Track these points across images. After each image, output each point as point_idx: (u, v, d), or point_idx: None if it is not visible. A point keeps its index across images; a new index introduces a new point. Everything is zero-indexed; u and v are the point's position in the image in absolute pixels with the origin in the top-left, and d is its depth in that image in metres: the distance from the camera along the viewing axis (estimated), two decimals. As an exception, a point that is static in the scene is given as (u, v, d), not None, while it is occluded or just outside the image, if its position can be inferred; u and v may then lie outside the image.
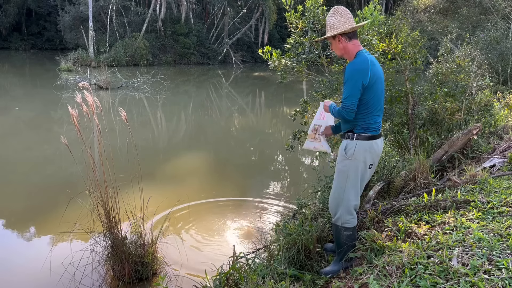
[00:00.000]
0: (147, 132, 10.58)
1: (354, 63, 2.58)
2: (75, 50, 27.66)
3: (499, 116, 6.12)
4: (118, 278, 3.62)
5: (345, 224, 2.68)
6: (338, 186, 2.71)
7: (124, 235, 3.61)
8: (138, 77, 18.04)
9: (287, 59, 4.73)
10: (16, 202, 5.56)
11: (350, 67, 2.58)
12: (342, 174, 2.68)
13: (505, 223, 2.45)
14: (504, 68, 11.10)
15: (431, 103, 4.90)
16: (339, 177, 2.70)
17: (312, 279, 2.70)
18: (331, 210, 2.78)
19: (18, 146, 8.63)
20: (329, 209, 2.81)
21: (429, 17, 18.97)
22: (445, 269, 1.98)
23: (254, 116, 14.19)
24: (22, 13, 35.75)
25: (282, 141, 9.12)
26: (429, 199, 2.99)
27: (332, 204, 2.75)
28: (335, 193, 2.73)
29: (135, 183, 3.76)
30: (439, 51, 5.81)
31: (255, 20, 35.08)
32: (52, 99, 14.26)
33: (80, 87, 3.66)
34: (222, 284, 2.82)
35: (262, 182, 6.71)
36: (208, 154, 8.86)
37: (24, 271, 3.95)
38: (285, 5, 4.61)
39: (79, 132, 3.44)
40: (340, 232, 2.72)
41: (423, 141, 4.87)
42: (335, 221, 2.73)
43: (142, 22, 29.52)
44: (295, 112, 5.02)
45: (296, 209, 4.59)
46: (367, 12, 4.32)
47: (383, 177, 3.94)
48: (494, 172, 3.84)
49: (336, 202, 2.71)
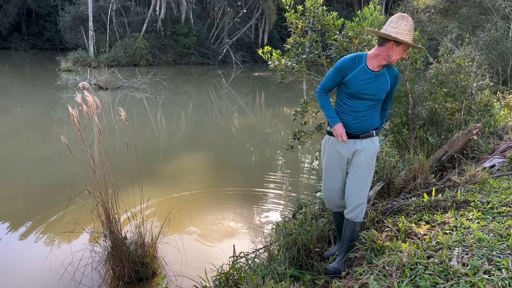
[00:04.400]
0: (147, 132, 10.58)
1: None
2: (75, 50, 27.67)
3: (499, 116, 6.12)
4: (118, 278, 3.62)
5: (361, 219, 2.77)
6: (368, 182, 2.77)
7: (124, 235, 3.61)
8: (138, 77, 18.04)
9: (287, 59, 4.73)
10: (16, 202, 5.55)
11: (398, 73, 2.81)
12: (372, 170, 2.79)
13: (505, 223, 2.45)
14: (504, 68, 11.11)
15: (431, 103, 4.90)
16: (371, 173, 2.79)
17: (312, 279, 2.70)
18: (355, 208, 2.71)
19: (18, 146, 8.63)
20: (352, 207, 2.72)
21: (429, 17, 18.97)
22: (445, 269, 1.98)
23: (254, 116, 14.19)
24: (22, 13, 35.75)
25: (282, 141, 9.12)
26: (429, 199, 2.99)
27: (358, 202, 2.71)
28: (364, 189, 2.74)
29: (135, 183, 3.76)
30: (439, 51, 5.81)
31: (255, 20, 35.09)
32: (52, 99, 14.26)
33: (80, 87, 3.66)
34: (222, 284, 2.82)
35: (262, 182, 6.71)
36: (208, 154, 8.86)
37: (24, 271, 3.95)
38: (285, 5, 4.61)
39: (79, 132, 3.44)
40: (355, 228, 2.76)
41: (423, 141, 4.87)
42: (355, 217, 2.72)
43: (142, 22, 29.53)
44: (295, 112, 5.02)
45: (296, 209, 4.59)
46: (367, 12, 4.32)
47: (383, 177, 3.94)
48: (494, 172, 3.84)
49: (362, 198, 2.72)
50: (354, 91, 2.68)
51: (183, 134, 11.02)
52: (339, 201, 2.87)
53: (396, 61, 2.67)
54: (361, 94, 2.68)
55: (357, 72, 2.66)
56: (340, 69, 2.69)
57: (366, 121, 2.73)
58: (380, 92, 2.70)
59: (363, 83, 2.66)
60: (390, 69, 2.74)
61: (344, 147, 2.76)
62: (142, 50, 27.77)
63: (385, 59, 2.63)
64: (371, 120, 2.76)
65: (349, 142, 2.75)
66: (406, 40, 2.54)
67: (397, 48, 2.58)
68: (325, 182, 2.90)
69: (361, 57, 2.69)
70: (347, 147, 2.76)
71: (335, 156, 2.79)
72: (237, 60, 32.34)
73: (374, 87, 2.67)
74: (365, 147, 2.74)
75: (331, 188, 2.87)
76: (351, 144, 2.75)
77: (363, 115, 2.72)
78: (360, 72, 2.66)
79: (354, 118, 2.72)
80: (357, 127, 2.74)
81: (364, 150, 2.73)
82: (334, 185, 2.85)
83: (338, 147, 2.78)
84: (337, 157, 2.79)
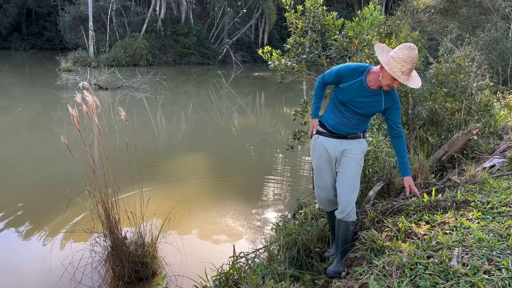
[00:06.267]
0: (147, 132, 10.58)
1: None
2: (75, 50, 27.66)
3: (499, 116, 6.12)
4: (118, 278, 3.62)
5: (355, 218, 2.75)
6: (358, 182, 2.77)
7: (124, 235, 3.61)
8: (138, 77, 18.03)
9: (287, 59, 4.73)
10: (16, 202, 5.55)
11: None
12: (360, 169, 2.79)
13: (505, 223, 2.45)
14: (504, 68, 11.11)
15: (431, 103, 4.90)
16: (359, 172, 2.78)
17: (312, 279, 2.70)
18: (346, 207, 2.71)
19: (18, 146, 8.63)
20: (343, 206, 2.71)
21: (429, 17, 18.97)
22: (445, 269, 1.98)
23: (254, 116, 14.18)
24: (22, 13, 35.74)
25: (282, 141, 9.12)
26: (429, 199, 2.99)
27: (349, 201, 2.72)
28: (355, 190, 2.75)
29: (135, 183, 3.76)
30: (439, 51, 5.81)
31: (255, 20, 35.08)
32: (52, 99, 14.26)
33: (80, 87, 3.66)
34: (222, 284, 2.82)
35: (262, 182, 6.71)
36: (208, 154, 8.86)
37: (24, 271, 3.95)
38: (285, 5, 4.61)
39: (79, 132, 3.44)
40: (349, 228, 2.75)
41: (423, 141, 4.87)
42: (347, 217, 2.71)
43: (142, 22, 29.51)
44: (295, 112, 5.02)
45: (296, 209, 4.59)
46: (367, 12, 4.32)
47: (383, 177, 3.94)
48: (494, 172, 3.84)
49: (353, 197, 2.73)
50: (345, 99, 2.69)
51: (183, 134, 11.02)
52: (331, 199, 2.88)
53: (385, 87, 2.55)
54: (350, 104, 2.69)
55: (353, 83, 2.65)
56: (339, 74, 2.71)
57: (353, 127, 2.76)
58: (369, 110, 2.68)
59: (355, 95, 2.65)
60: (389, 93, 2.66)
61: (332, 146, 2.78)
62: (142, 50, 27.77)
63: (377, 79, 2.58)
64: (359, 126, 2.77)
65: (337, 141, 2.78)
66: (391, 68, 2.40)
67: (386, 73, 2.49)
68: (316, 181, 2.92)
69: (362, 71, 2.65)
70: (335, 146, 2.78)
71: (324, 154, 2.81)
72: (237, 60, 32.34)
73: (365, 103, 2.66)
74: (353, 147, 2.76)
75: (322, 186, 2.88)
76: (338, 144, 2.77)
77: (351, 122, 2.74)
78: (356, 85, 2.64)
79: (342, 122, 2.75)
80: (344, 130, 2.77)
81: (352, 150, 2.76)
82: (325, 183, 2.86)
83: (326, 146, 2.80)
84: (325, 155, 2.81)
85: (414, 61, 2.41)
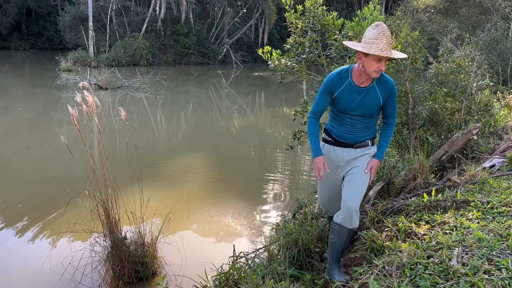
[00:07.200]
0: (147, 132, 10.58)
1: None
2: (75, 50, 27.66)
3: (499, 116, 6.12)
4: (118, 278, 3.62)
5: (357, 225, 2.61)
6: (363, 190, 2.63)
7: (124, 235, 3.61)
8: (138, 77, 18.03)
9: (287, 59, 4.73)
10: (15, 202, 5.55)
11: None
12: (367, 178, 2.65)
13: (505, 223, 2.45)
14: (504, 68, 11.11)
15: (431, 103, 4.90)
16: (366, 181, 2.64)
17: (312, 279, 2.69)
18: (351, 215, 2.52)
19: (18, 146, 8.63)
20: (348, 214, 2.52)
21: (429, 17, 18.96)
22: (445, 269, 1.98)
23: (254, 116, 14.18)
24: (22, 13, 35.74)
25: (282, 141, 9.12)
26: (429, 199, 2.99)
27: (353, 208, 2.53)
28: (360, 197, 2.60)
29: (135, 183, 3.76)
30: (439, 51, 5.81)
31: (255, 20, 35.08)
32: (52, 99, 14.26)
33: (80, 87, 3.66)
34: (222, 284, 2.82)
35: (262, 182, 6.71)
36: (208, 154, 8.86)
37: (24, 271, 3.95)
38: (285, 5, 4.61)
39: (79, 132, 3.44)
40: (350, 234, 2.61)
41: (423, 141, 4.87)
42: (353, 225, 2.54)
43: (142, 22, 29.52)
44: (295, 112, 5.02)
45: (296, 209, 4.59)
46: (367, 12, 4.32)
47: (383, 177, 3.94)
48: (494, 172, 3.84)
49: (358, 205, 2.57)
50: (342, 107, 2.61)
51: (183, 134, 11.02)
52: (336, 206, 2.79)
53: (373, 74, 2.43)
54: (349, 110, 2.60)
55: (344, 88, 2.57)
56: (327, 89, 2.60)
57: (359, 133, 2.67)
58: (369, 108, 2.59)
59: (350, 100, 2.56)
60: (382, 83, 2.57)
61: (339, 155, 2.70)
62: (142, 50, 27.77)
63: (362, 73, 2.49)
64: (365, 131, 2.68)
65: (343, 150, 2.70)
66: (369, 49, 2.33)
67: (366, 59, 2.40)
68: (321, 189, 2.88)
69: (346, 72, 2.58)
70: (341, 155, 2.70)
71: (329, 163, 2.72)
72: (237, 60, 32.34)
73: (362, 103, 2.57)
74: (359, 156, 2.67)
75: (327, 194, 2.85)
76: (345, 153, 2.69)
77: (356, 128, 2.66)
78: (347, 88, 2.56)
79: (346, 130, 2.67)
80: (350, 138, 2.68)
81: (359, 159, 2.66)
82: (328, 190, 2.82)
83: (332, 155, 2.73)
84: (331, 165, 2.73)
85: (386, 35, 2.36)
